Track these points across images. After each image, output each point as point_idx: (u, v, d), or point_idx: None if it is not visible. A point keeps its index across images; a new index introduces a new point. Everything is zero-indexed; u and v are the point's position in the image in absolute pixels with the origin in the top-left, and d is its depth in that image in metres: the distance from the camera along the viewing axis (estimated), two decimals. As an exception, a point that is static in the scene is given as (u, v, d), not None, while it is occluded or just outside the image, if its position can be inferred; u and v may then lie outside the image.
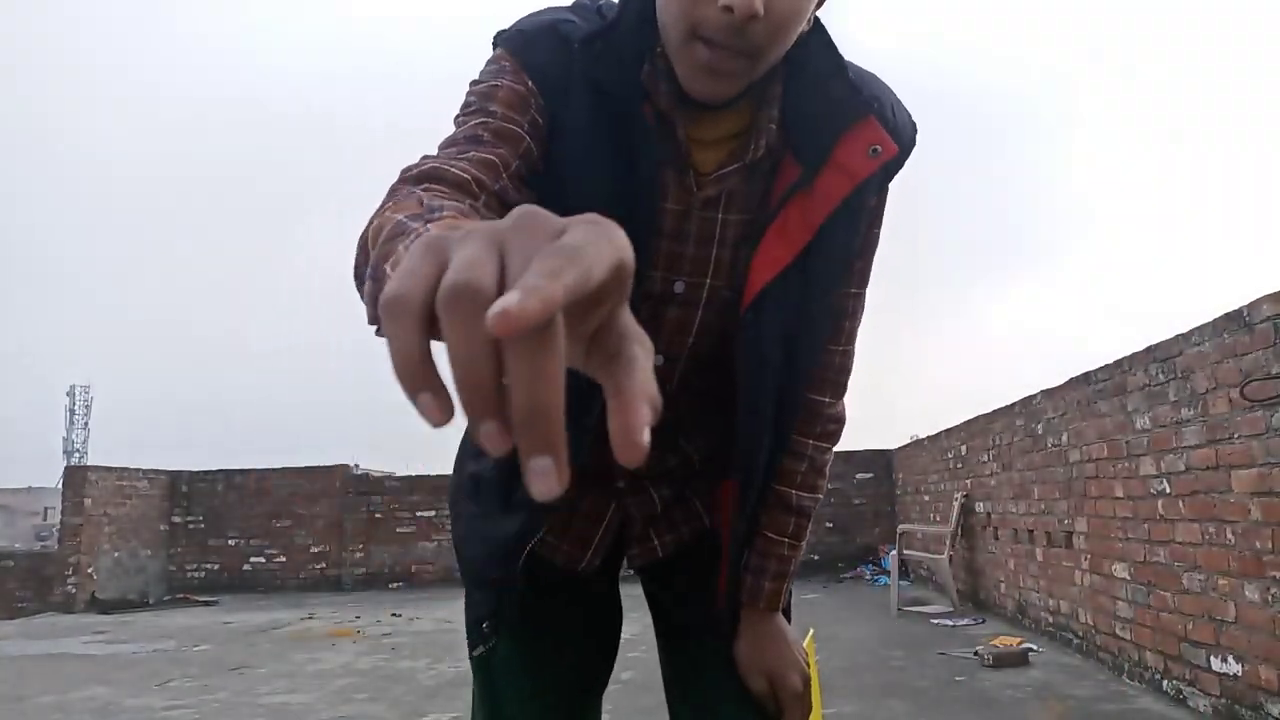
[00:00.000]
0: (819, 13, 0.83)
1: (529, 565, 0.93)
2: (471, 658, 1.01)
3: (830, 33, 0.85)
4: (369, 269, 0.53)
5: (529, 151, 0.79)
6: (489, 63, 0.84)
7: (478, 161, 0.73)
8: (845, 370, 0.99)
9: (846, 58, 0.86)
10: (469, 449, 1.04)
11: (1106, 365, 4.49)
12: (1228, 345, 3.32)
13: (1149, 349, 3.99)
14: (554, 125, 0.82)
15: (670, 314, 0.90)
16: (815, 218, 0.85)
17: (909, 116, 0.91)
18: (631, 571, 1.09)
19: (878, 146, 0.84)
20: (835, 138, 0.84)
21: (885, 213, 0.94)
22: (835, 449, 1.02)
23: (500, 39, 0.84)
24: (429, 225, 0.52)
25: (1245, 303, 3.21)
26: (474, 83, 0.83)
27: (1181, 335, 3.69)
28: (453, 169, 0.70)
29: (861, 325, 0.98)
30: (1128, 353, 4.23)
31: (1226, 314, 3.34)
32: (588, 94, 0.82)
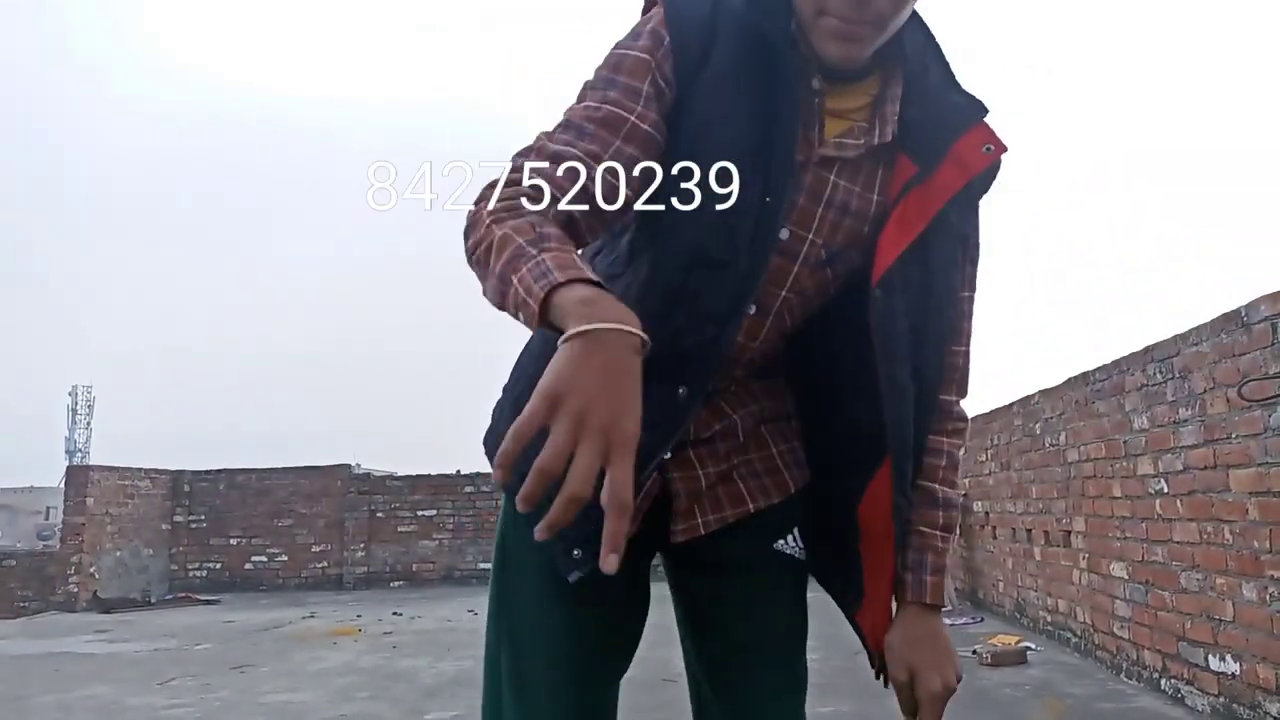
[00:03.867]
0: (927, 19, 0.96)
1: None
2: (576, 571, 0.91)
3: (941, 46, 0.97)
4: (495, 274, 0.75)
5: (642, 131, 0.87)
6: (643, 11, 0.94)
7: (586, 152, 0.84)
8: (967, 371, 1.05)
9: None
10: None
11: (1104, 365, 4.50)
12: (1225, 345, 3.33)
13: (1147, 349, 4.00)
14: (698, 67, 0.89)
15: (772, 261, 0.93)
16: (931, 207, 0.93)
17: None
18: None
19: (990, 145, 0.94)
20: (955, 136, 0.93)
21: (979, 220, 1.03)
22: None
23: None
24: (542, 254, 0.72)
25: (1243, 303, 3.22)
26: (618, 43, 0.92)
27: (1179, 335, 3.70)
28: (567, 180, 0.82)
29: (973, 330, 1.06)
30: (1125, 353, 4.24)
31: (1224, 314, 3.34)
32: (737, 38, 0.89)
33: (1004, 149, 0.95)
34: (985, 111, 0.95)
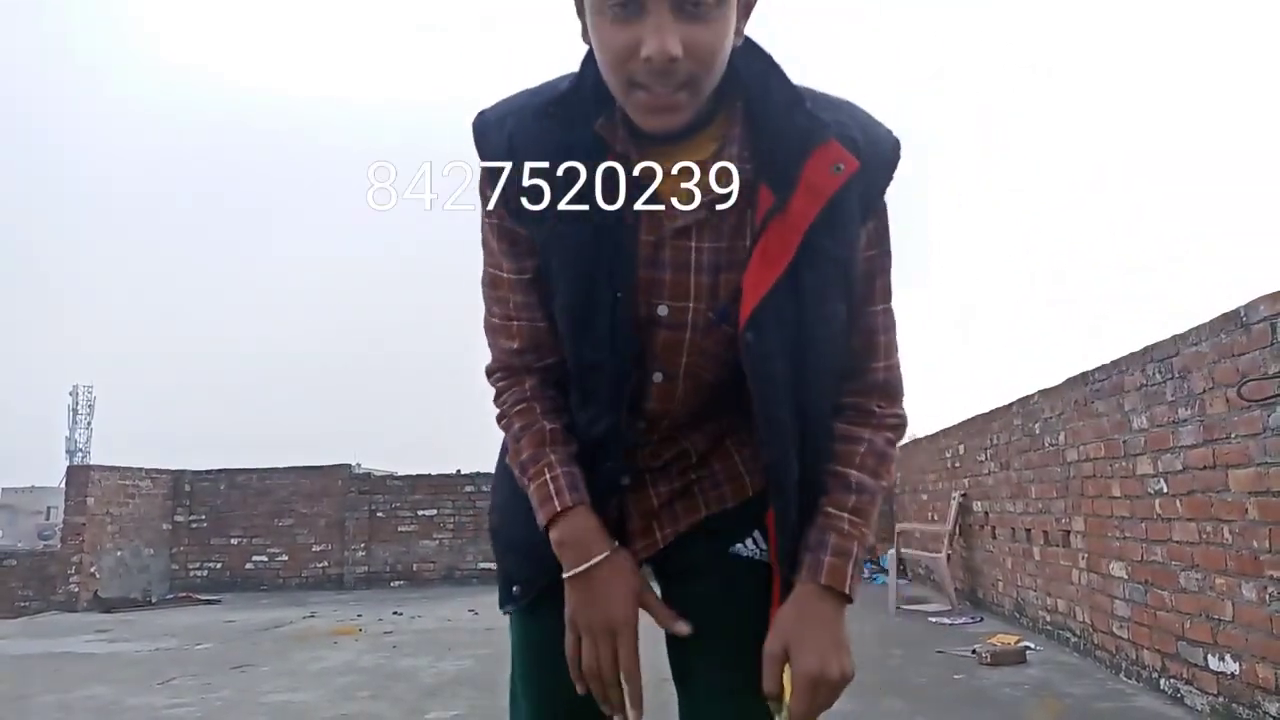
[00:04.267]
0: (777, 47, 0.93)
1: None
2: (505, 607, 1.11)
3: (784, 68, 0.93)
4: (517, 465, 1.01)
5: (517, 280, 1.01)
6: (480, 190, 1.00)
7: (506, 344, 1.03)
8: (892, 383, 1.02)
9: (819, 87, 0.96)
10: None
11: (1104, 365, 4.50)
12: (1225, 345, 3.33)
13: (1146, 349, 4.01)
14: (522, 202, 0.95)
15: (660, 335, 0.97)
16: (793, 237, 0.91)
17: (886, 133, 0.97)
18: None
19: (840, 164, 0.90)
20: (801, 161, 0.90)
21: (888, 229, 0.99)
22: (898, 444, 1.04)
23: (477, 141, 0.98)
24: (544, 474, 0.98)
25: (1242, 303, 3.23)
26: (481, 220, 1.02)
27: (1179, 335, 3.71)
28: (523, 368, 1.03)
29: (898, 339, 1.03)
30: (1125, 353, 4.24)
31: (1224, 314, 3.35)
32: (549, 159, 0.93)
33: (855, 165, 0.91)
34: (830, 130, 0.90)
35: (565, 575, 0.96)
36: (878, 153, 0.94)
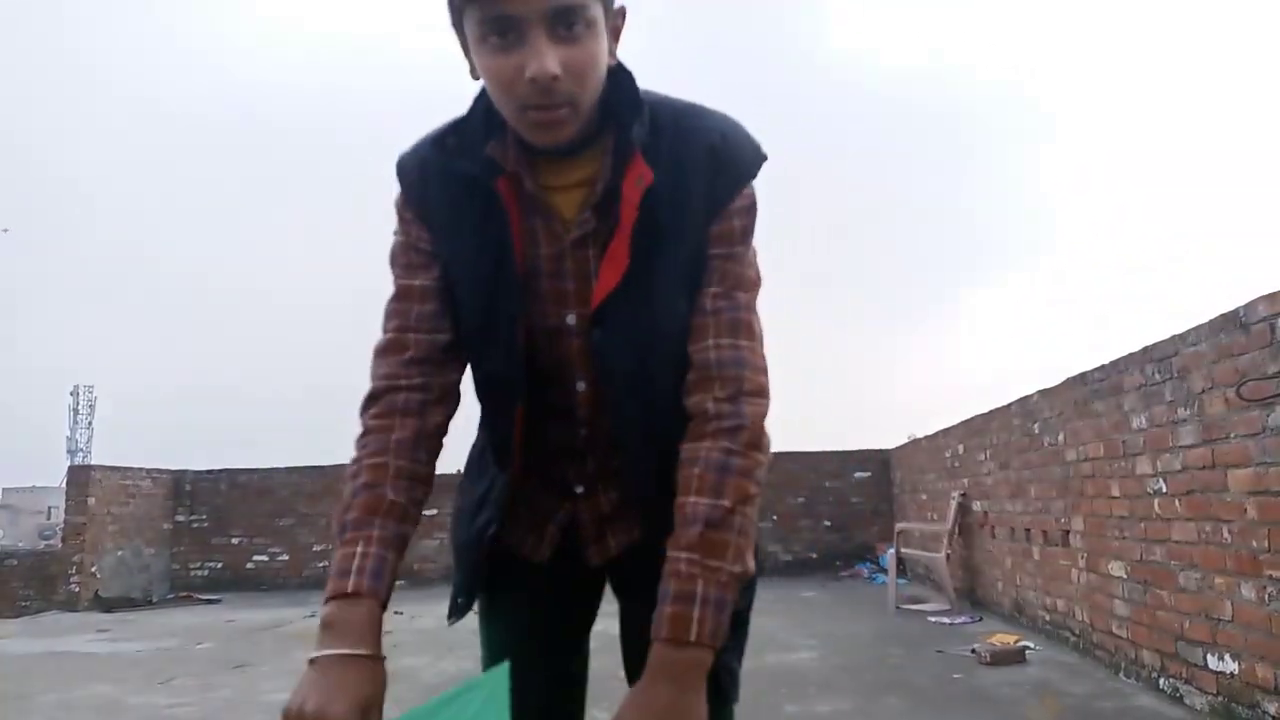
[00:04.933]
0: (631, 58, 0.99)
1: (500, 553, 1.10)
2: (450, 619, 1.17)
3: (636, 80, 0.98)
4: (339, 527, 0.98)
5: (424, 288, 1.04)
6: (397, 209, 1.07)
7: (396, 358, 1.03)
8: (724, 363, 0.97)
9: (692, 98, 1.03)
10: (473, 470, 1.17)
11: (1103, 365, 4.51)
12: (1224, 345, 3.33)
13: (1145, 349, 4.01)
14: (428, 213, 1.03)
15: (574, 344, 1.02)
16: (623, 243, 0.97)
17: (748, 146, 1.01)
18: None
19: (640, 178, 0.96)
20: (621, 176, 0.97)
21: (739, 233, 1.00)
22: (759, 452, 0.96)
23: (399, 174, 1.06)
24: (343, 547, 0.95)
25: (1241, 303, 3.23)
26: (393, 239, 1.07)
27: (1178, 335, 3.71)
28: (408, 387, 1.02)
29: (749, 328, 0.99)
30: (1124, 353, 4.25)
31: (1223, 314, 3.35)
32: (448, 185, 1.00)
33: (650, 180, 0.95)
34: (635, 146, 0.96)
35: (311, 656, 0.91)
36: (718, 164, 0.98)
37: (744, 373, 0.97)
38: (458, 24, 0.94)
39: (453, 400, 1.06)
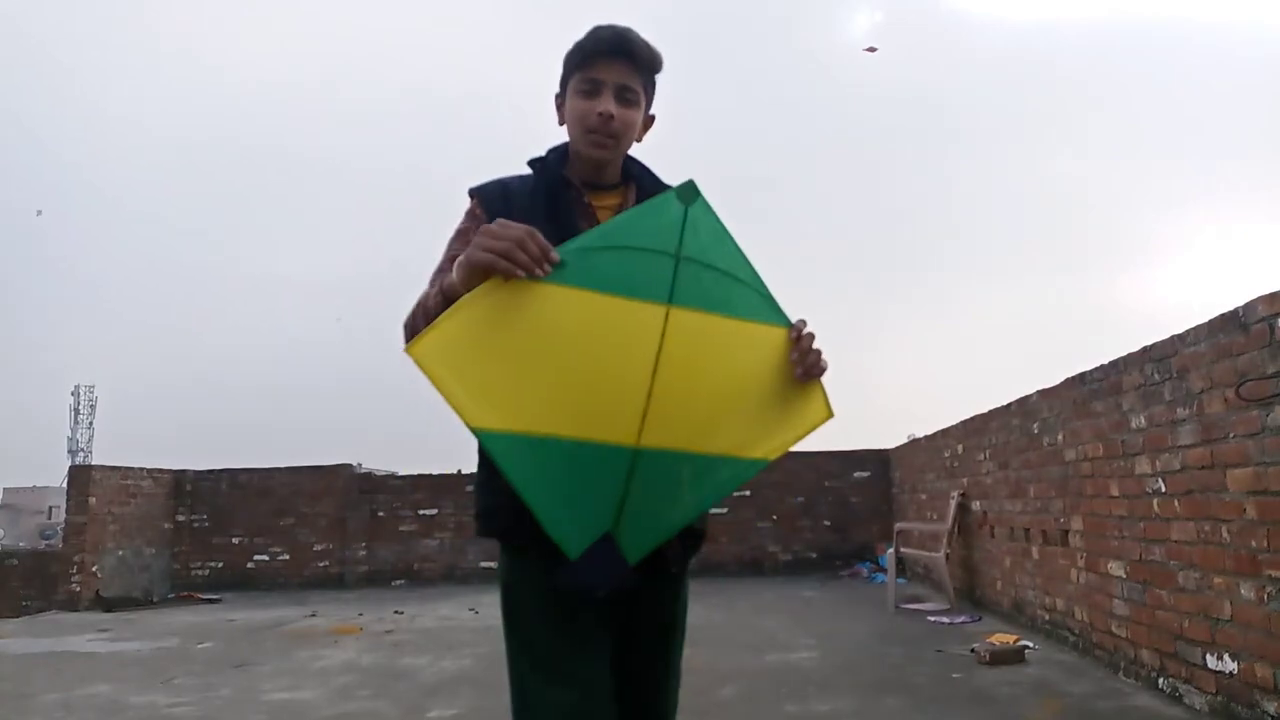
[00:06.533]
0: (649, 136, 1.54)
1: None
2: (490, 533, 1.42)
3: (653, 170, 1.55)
4: (419, 305, 1.36)
5: None
6: (467, 211, 1.48)
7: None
8: None
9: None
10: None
11: (1102, 365, 4.51)
12: (1223, 345, 3.34)
13: (1145, 349, 4.01)
14: (505, 213, 1.33)
15: None
16: None
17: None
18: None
19: None
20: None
21: None
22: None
23: (472, 191, 1.49)
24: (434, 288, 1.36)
25: (1240, 303, 3.24)
26: (456, 228, 1.47)
27: (1177, 335, 3.71)
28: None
29: None
30: (1123, 353, 4.25)
31: (1222, 314, 3.36)
32: (530, 194, 1.45)
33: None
34: (658, 188, 1.46)
35: (458, 261, 1.25)
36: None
37: None
38: (565, 82, 1.46)
39: None
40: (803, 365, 1.32)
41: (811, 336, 1.34)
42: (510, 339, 1.19)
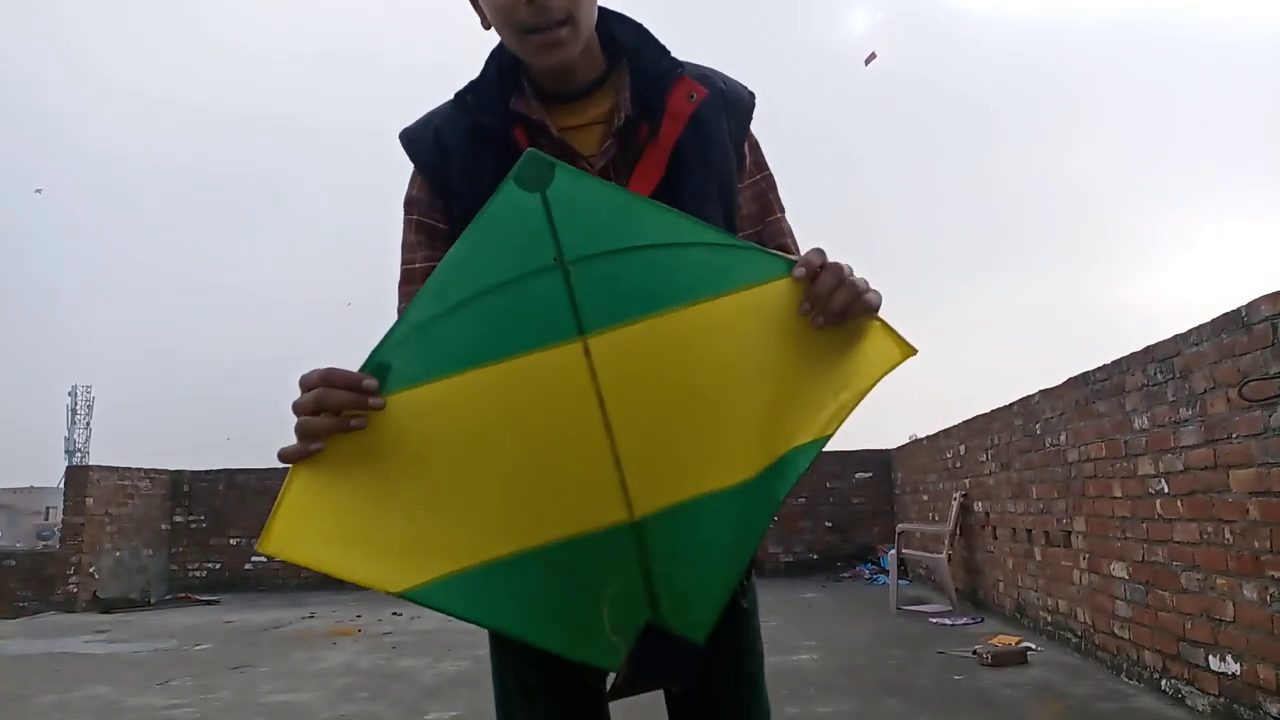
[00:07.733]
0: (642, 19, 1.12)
1: None
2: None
3: (652, 33, 1.11)
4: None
5: (427, 270, 1.03)
6: (411, 175, 1.12)
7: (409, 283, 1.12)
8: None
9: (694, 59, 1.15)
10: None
11: (1105, 365, 4.50)
12: (1226, 345, 3.32)
13: (1147, 349, 4.00)
14: (446, 179, 1.08)
15: None
16: (662, 156, 1.06)
17: (745, 87, 1.15)
18: None
19: (693, 93, 1.08)
20: (664, 95, 1.07)
21: (764, 158, 1.17)
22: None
23: (403, 142, 1.11)
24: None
25: (1243, 303, 3.22)
26: (404, 198, 1.13)
27: (1180, 335, 3.70)
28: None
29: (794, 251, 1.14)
30: (1126, 353, 4.24)
31: (1225, 314, 3.34)
32: (468, 141, 1.06)
33: (704, 94, 1.08)
34: (683, 69, 1.09)
35: None
36: (737, 93, 1.13)
37: None
38: None
39: None
40: (823, 312, 0.94)
41: (837, 269, 0.93)
42: (391, 476, 0.90)
